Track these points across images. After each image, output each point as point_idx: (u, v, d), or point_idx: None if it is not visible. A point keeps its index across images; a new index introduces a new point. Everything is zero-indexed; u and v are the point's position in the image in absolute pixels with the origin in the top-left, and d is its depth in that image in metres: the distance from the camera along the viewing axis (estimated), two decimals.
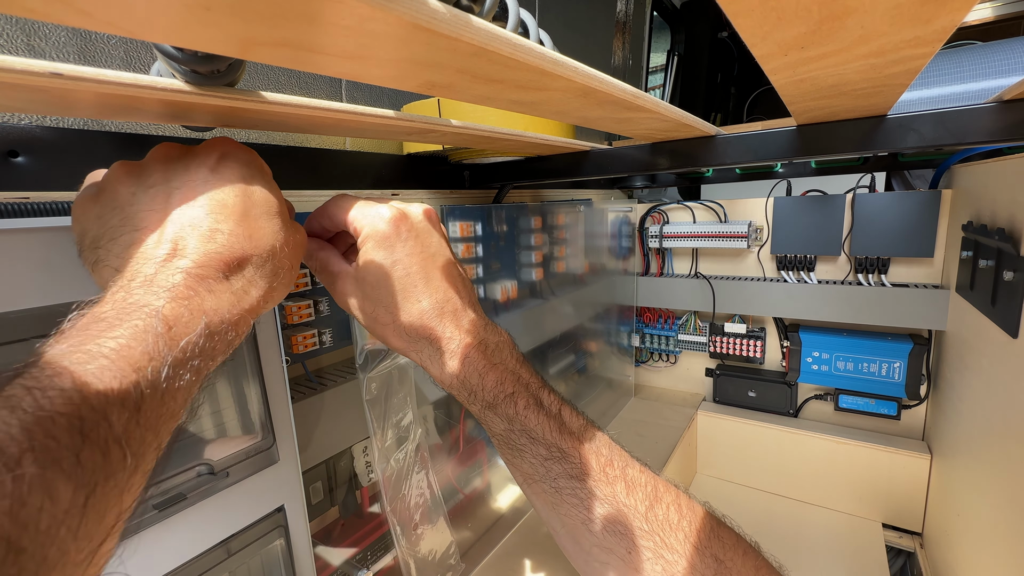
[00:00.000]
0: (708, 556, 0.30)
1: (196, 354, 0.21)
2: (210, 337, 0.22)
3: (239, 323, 0.24)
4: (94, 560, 0.17)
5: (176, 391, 0.20)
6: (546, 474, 0.32)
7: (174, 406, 0.21)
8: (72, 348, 0.18)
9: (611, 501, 0.31)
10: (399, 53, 0.22)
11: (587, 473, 0.32)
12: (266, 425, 0.40)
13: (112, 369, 0.18)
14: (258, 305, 0.26)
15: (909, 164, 0.98)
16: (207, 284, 0.23)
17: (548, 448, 0.32)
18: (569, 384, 0.99)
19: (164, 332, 0.20)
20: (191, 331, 0.21)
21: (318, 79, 0.68)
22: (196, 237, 0.24)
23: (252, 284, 0.26)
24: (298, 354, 0.49)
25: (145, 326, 0.20)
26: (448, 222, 0.65)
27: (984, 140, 0.41)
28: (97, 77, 0.21)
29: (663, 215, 1.17)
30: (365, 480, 0.57)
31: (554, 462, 0.32)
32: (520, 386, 0.34)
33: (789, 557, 0.92)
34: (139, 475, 0.19)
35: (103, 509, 0.17)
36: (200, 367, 0.22)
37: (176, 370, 0.20)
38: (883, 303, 0.93)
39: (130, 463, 0.18)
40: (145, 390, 0.19)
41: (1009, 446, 0.61)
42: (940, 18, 0.21)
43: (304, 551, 0.43)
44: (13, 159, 0.35)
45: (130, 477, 0.18)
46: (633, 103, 0.35)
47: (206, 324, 0.22)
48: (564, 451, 0.32)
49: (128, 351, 0.19)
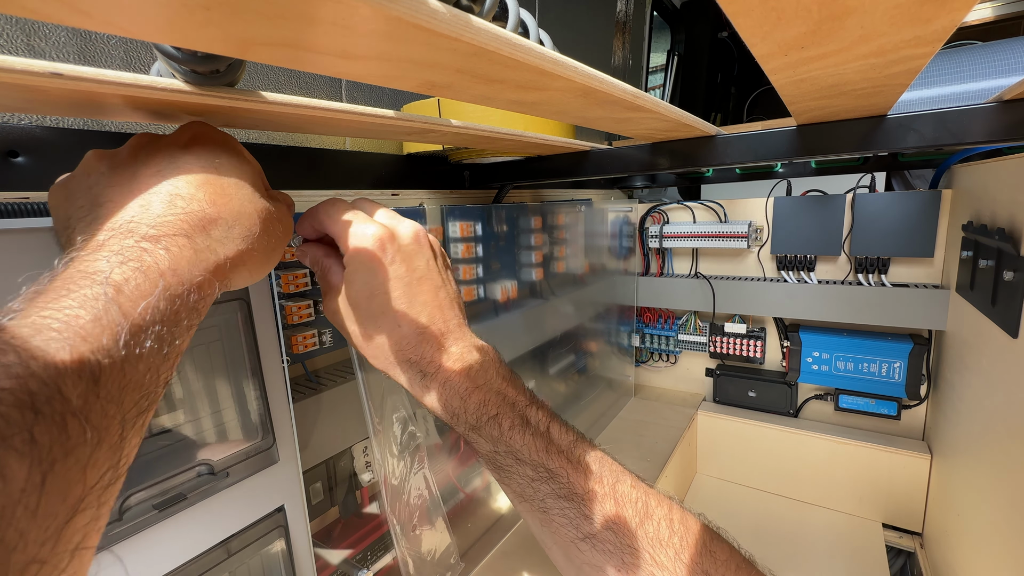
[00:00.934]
0: (699, 572, 0.30)
1: (157, 319, 0.20)
2: (171, 300, 0.21)
3: (203, 285, 0.23)
4: (63, 537, 0.16)
5: (137, 359, 0.19)
6: (534, 494, 0.32)
7: (137, 376, 0.19)
8: (16, 324, 0.17)
9: (600, 519, 0.31)
10: (399, 53, 0.22)
11: (575, 492, 0.31)
12: (266, 425, 0.40)
13: (59, 340, 0.17)
14: (226, 265, 0.25)
15: (909, 164, 0.98)
16: (163, 243, 0.22)
17: (535, 468, 0.32)
18: (569, 384, 0.99)
19: (114, 297, 0.19)
20: (147, 294, 0.20)
21: (318, 79, 0.68)
22: (157, 204, 0.24)
23: (219, 243, 0.25)
24: (298, 354, 0.49)
25: (94, 293, 0.19)
26: (448, 222, 0.65)
27: (984, 140, 0.41)
28: (97, 77, 0.21)
29: (663, 215, 1.17)
30: (365, 480, 0.57)
31: (541, 482, 0.32)
32: (505, 406, 0.34)
33: (789, 557, 0.92)
34: (104, 449, 0.18)
35: (65, 486, 0.16)
36: (164, 334, 0.21)
37: (135, 337, 0.19)
38: (883, 303, 0.93)
39: (91, 437, 0.17)
40: (102, 360, 0.18)
41: (1009, 446, 0.61)
42: (940, 18, 0.21)
43: (304, 551, 0.43)
44: (13, 159, 0.35)
45: (93, 452, 0.17)
46: (633, 103, 0.35)
47: (164, 286, 0.21)
48: (551, 471, 0.32)
49: (76, 320, 0.18)
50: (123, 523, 0.31)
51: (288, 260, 0.48)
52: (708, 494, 1.12)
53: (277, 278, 0.46)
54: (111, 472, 0.18)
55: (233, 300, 0.37)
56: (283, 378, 0.40)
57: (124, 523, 0.31)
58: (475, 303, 0.71)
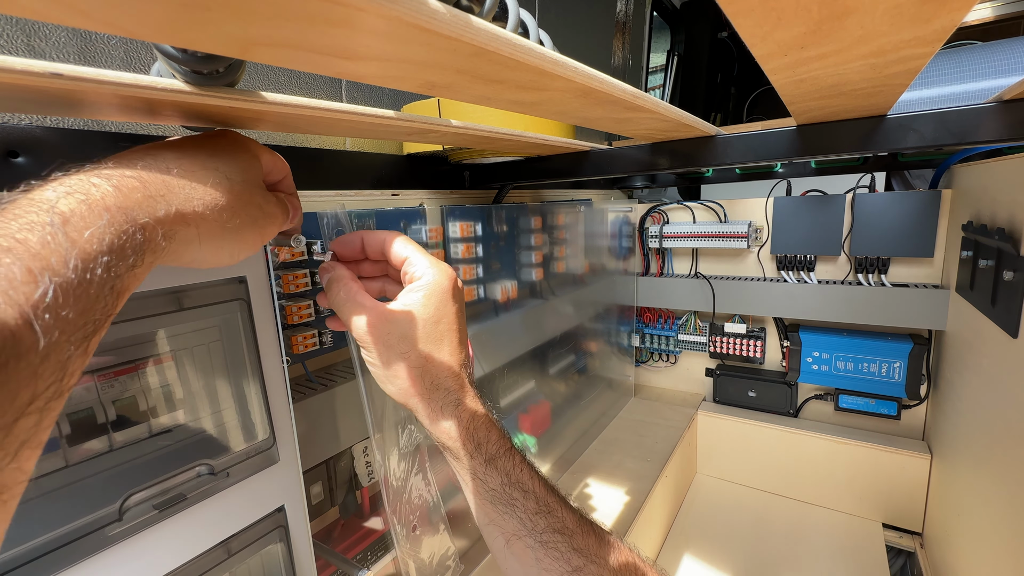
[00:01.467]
0: None
1: (103, 250, 0.21)
2: (117, 235, 0.21)
3: (147, 227, 0.23)
4: (10, 435, 0.17)
5: (88, 284, 0.20)
6: (533, 528, 0.34)
7: (87, 301, 0.20)
8: None
9: (586, 553, 0.34)
10: (399, 53, 0.22)
11: (568, 528, 0.34)
12: (266, 425, 0.40)
13: (11, 255, 0.18)
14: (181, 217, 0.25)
15: (909, 164, 0.98)
16: (113, 181, 0.23)
17: (538, 502, 0.35)
18: (569, 384, 0.99)
19: (61, 224, 0.19)
20: (91, 224, 0.20)
21: (318, 79, 0.68)
22: (126, 156, 0.25)
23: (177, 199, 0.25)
24: (298, 354, 0.49)
25: (40, 220, 0.19)
26: (448, 222, 0.65)
27: (984, 140, 0.42)
28: (97, 77, 0.21)
29: (663, 215, 1.17)
30: (365, 480, 0.57)
31: (541, 516, 0.34)
32: (514, 446, 0.38)
33: (789, 557, 0.93)
34: (51, 364, 0.19)
35: (15, 387, 0.17)
36: (110, 265, 0.21)
37: (84, 262, 0.20)
38: (883, 303, 0.93)
39: (42, 347, 0.18)
40: (52, 278, 0.18)
41: (1009, 446, 0.61)
42: (940, 18, 0.21)
43: (304, 551, 0.43)
44: (13, 159, 0.35)
45: (42, 362, 0.18)
46: (633, 103, 0.35)
47: (109, 220, 0.21)
48: (550, 506, 0.35)
49: (26, 241, 0.18)
50: (123, 523, 0.31)
51: (288, 260, 0.48)
52: (708, 494, 1.12)
53: (277, 278, 0.46)
54: (55, 385, 0.19)
55: (233, 300, 0.37)
56: (283, 378, 0.40)
57: (124, 523, 0.31)
58: (475, 303, 0.71)
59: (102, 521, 0.31)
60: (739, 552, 0.93)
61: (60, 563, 0.29)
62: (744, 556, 0.91)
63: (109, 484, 0.32)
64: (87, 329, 0.20)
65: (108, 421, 0.32)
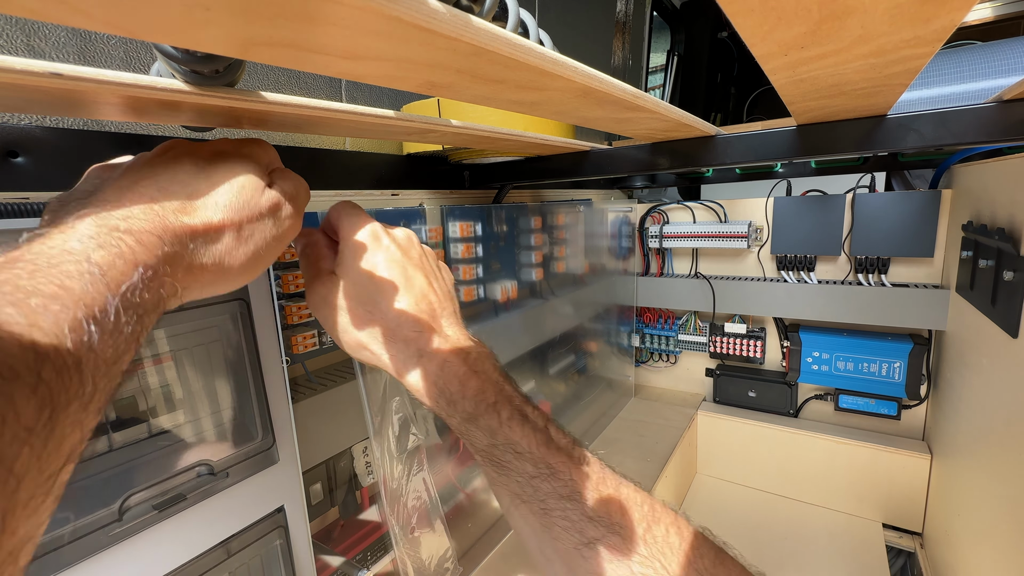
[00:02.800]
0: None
1: (137, 301, 0.20)
2: (147, 287, 0.21)
3: (166, 284, 0.23)
4: (53, 489, 0.16)
5: (119, 334, 0.19)
6: (534, 494, 0.30)
7: (117, 351, 0.20)
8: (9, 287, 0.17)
9: (606, 523, 0.29)
10: (398, 53, 0.22)
11: (578, 492, 0.29)
12: (266, 425, 0.40)
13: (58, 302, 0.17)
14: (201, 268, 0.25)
15: (909, 164, 0.98)
16: (135, 236, 0.22)
17: (535, 464, 0.30)
18: (569, 384, 0.99)
19: (101, 275, 0.19)
20: (128, 278, 0.20)
21: (318, 79, 0.68)
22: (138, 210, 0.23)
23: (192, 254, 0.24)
24: (298, 354, 0.49)
25: (79, 269, 0.19)
26: (448, 222, 0.65)
27: (984, 140, 0.41)
28: (97, 77, 0.21)
29: (663, 215, 1.17)
30: (365, 480, 0.57)
31: (542, 480, 0.30)
32: (503, 397, 0.32)
33: (789, 557, 0.93)
34: (92, 413, 0.18)
35: (61, 435, 0.16)
36: (143, 315, 0.21)
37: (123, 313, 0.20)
38: (883, 303, 0.93)
39: (89, 390, 0.17)
40: (94, 328, 0.18)
41: (1009, 446, 0.61)
42: (940, 18, 0.21)
43: (304, 551, 0.43)
44: (13, 159, 0.34)
45: (85, 407, 0.18)
46: (633, 103, 0.35)
47: (141, 275, 0.21)
48: (552, 467, 0.30)
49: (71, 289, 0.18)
50: (123, 523, 0.31)
51: (288, 260, 0.48)
52: (708, 494, 1.12)
53: (277, 278, 0.46)
54: (87, 436, 0.18)
55: (233, 300, 0.37)
56: (283, 378, 0.40)
57: (124, 523, 0.31)
58: (475, 303, 0.71)
59: (102, 521, 0.31)
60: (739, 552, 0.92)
61: (60, 563, 0.29)
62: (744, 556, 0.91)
63: (109, 484, 0.32)
64: (115, 381, 0.20)
65: (108, 421, 0.32)
